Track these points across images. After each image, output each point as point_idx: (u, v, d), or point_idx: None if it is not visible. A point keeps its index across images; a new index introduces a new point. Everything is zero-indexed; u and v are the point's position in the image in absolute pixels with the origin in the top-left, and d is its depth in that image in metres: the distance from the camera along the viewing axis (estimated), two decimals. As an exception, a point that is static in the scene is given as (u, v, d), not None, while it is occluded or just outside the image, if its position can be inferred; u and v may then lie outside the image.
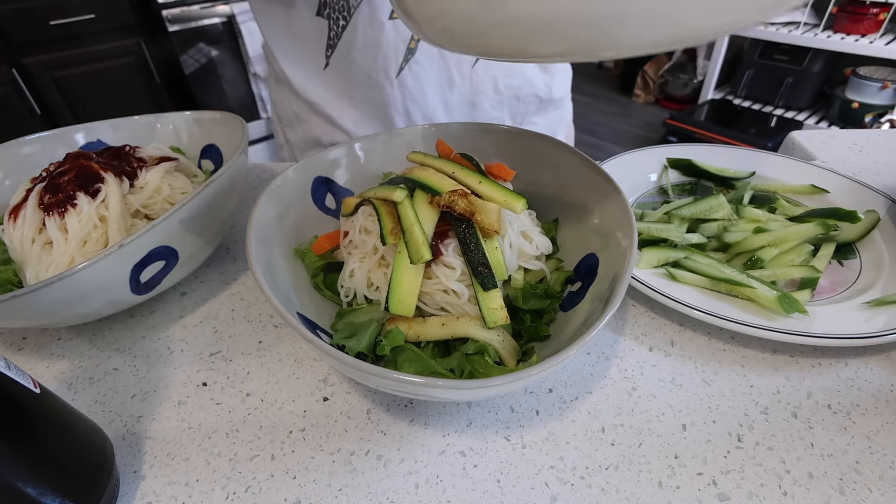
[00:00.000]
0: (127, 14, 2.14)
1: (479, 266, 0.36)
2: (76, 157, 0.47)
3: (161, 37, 2.24)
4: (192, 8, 2.22)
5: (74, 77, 2.11)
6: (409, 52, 0.66)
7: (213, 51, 2.35)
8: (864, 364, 0.39)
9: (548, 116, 0.82)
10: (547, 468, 0.33)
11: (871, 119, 2.27)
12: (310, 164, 0.46)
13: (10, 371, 0.26)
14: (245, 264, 0.53)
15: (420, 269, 0.36)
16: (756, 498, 0.31)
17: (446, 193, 0.38)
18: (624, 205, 0.38)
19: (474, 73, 0.71)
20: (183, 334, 0.45)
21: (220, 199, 0.45)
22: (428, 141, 0.51)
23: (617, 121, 3.24)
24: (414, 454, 0.34)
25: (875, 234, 0.49)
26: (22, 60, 1.99)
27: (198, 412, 0.38)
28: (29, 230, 0.43)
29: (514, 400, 0.38)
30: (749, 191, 0.55)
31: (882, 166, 0.65)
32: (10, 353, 0.44)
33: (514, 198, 0.39)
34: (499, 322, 0.36)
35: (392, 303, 0.35)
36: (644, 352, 0.41)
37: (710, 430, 0.35)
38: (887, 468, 0.32)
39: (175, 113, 0.60)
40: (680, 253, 0.46)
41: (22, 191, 0.46)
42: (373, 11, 0.63)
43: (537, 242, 0.42)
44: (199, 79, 2.38)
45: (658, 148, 0.62)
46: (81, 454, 0.30)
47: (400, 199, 0.38)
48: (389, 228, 0.37)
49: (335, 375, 0.40)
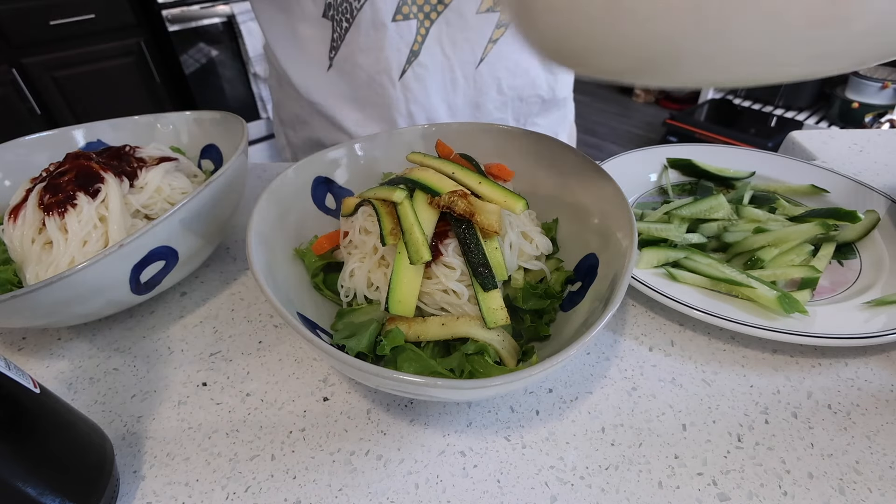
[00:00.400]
0: (127, 14, 2.14)
1: (479, 266, 0.36)
2: (76, 157, 0.47)
3: (161, 37, 2.24)
4: (192, 8, 2.22)
5: (74, 77, 2.11)
6: (413, 54, 0.66)
7: (213, 51, 2.35)
8: (864, 364, 0.39)
9: (550, 117, 0.82)
10: (547, 468, 0.33)
11: (871, 119, 2.27)
12: (310, 163, 0.46)
13: (10, 371, 0.26)
14: (245, 264, 0.53)
15: (420, 270, 0.36)
16: (756, 498, 0.31)
17: (446, 194, 0.38)
18: (624, 205, 0.38)
19: (478, 74, 0.71)
20: (183, 334, 0.45)
21: (220, 199, 0.45)
22: (428, 141, 0.51)
23: (617, 121, 3.24)
24: (414, 454, 0.34)
25: (875, 234, 0.49)
26: (22, 60, 1.99)
27: (198, 412, 0.38)
28: (29, 230, 0.43)
29: (514, 400, 0.38)
30: (749, 191, 0.55)
31: (882, 166, 0.65)
32: (10, 353, 0.44)
33: (514, 198, 0.39)
34: (499, 322, 0.35)
35: (392, 303, 0.35)
36: (644, 352, 0.41)
37: (710, 430, 0.35)
38: (887, 468, 0.32)
39: (175, 113, 0.60)
40: (680, 253, 0.46)
41: (22, 191, 0.46)
42: (375, 13, 0.63)
43: (537, 242, 0.42)
44: (199, 79, 2.38)
45: (658, 148, 0.62)
46: (81, 454, 0.30)
47: (399, 200, 0.38)
48: (389, 229, 0.37)
49: (335, 375, 0.40)
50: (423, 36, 0.66)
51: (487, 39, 0.68)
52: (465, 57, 0.69)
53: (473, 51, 0.69)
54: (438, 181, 0.39)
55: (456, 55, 0.69)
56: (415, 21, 0.64)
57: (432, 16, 0.65)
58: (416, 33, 0.65)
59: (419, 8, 0.63)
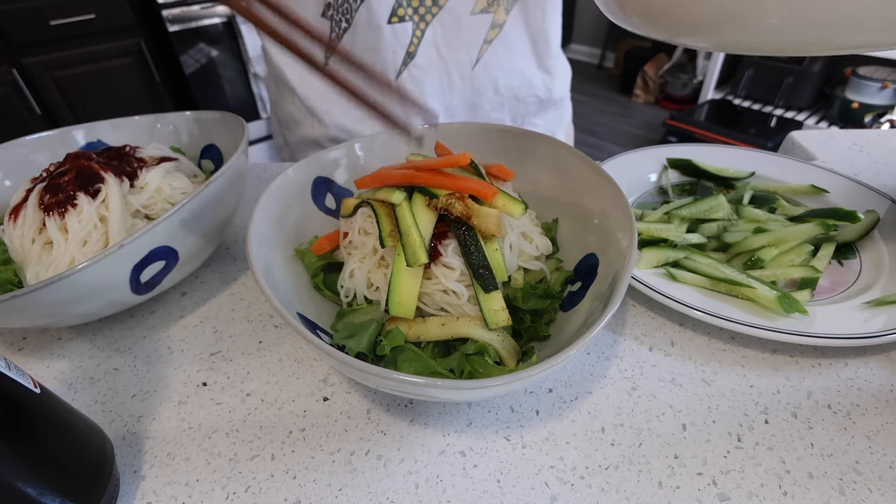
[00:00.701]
0: (127, 14, 2.14)
1: (479, 268, 0.36)
2: (76, 157, 0.47)
3: (161, 37, 2.24)
4: (192, 8, 2.22)
5: (74, 77, 2.11)
6: (409, 55, 0.67)
7: (213, 51, 2.35)
8: (864, 364, 0.39)
9: (548, 117, 0.82)
10: (547, 468, 0.33)
11: (871, 119, 2.27)
12: (310, 163, 0.46)
13: (10, 371, 0.26)
14: (245, 264, 0.53)
15: (419, 272, 0.36)
16: (756, 498, 0.31)
17: (443, 196, 0.38)
18: (624, 205, 0.38)
19: (475, 75, 0.71)
20: (183, 334, 0.45)
21: (220, 199, 0.45)
22: (428, 141, 0.51)
23: (617, 121, 3.24)
24: (414, 454, 0.34)
25: (875, 234, 0.49)
26: (22, 60, 1.99)
27: (198, 412, 0.38)
28: (29, 230, 0.43)
29: (514, 400, 0.38)
30: (749, 191, 0.55)
31: (882, 166, 0.65)
32: (10, 353, 0.44)
33: (513, 203, 0.39)
34: (500, 323, 0.36)
35: (392, 305, 0.35)
36: (644, 352, 0.41)
37: (710, 430, 0.35)
38: (887, 468, 0.32)
39: (175, 113, 0.60)
40: (680, 253, 0.46)
41: (22, 191, 0.46)
42: (371, 15, 0.63)
43: (537, 243, 0.42)
44: (199, 79, 2.38)
45: (658, 148, 0.62)
46: (81, 454, 0.30)
47: (398, 202, 0.38)
48: (388, 231, 0.37)
49: (335, 375, 0.40)
50: (418, 38, 0.66)
51: (482, 40, 0.69)
52: (461, 58, 0.70)
53: (469, 52, 0.69)
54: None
55: (451, 57, 0.69)
56: (410, 23, 0.65)
57: (427, 18, 0.65)
58: (412, 35, 0.66)
59: (414, 10, 0.64)
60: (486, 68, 0.71)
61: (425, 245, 0.36)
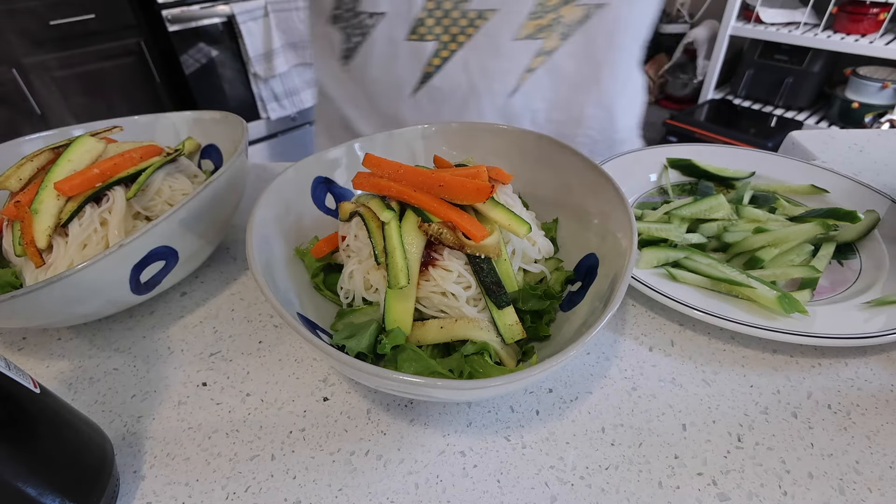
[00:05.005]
0: (127, 14, 2.14)
1: (492, 285, 0.36)
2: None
3: (161, 37, 2.24)
4: (192, 8, 2.22)
5: (74, 77, 2.11)
6: (426, 75, 0.63)
7: (213, 51, 2.35)
8: (864, 364, 0.39)
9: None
10: (547, 468, 0.33)
11: (871, 119, 2.27)
12: (309, 163, 0.46)
13: (10, 371, 0.26)
14: (245, 264, 0.53)
15: (411, 290, 0.36)
16: (756, 498, 0.31)
17: (435, 223, 0.36)
18: (624, 205, 0.38)
19: (509, 105, 0.64)
20: (183, 334, 0.45)
21: (220, 199, 0.45)
22: (428, 141, 0.51)
23: (617, 121, 3.23)
24: (414, 454, 0.34)
25: (875, 234, 0.49)
26: (22, 60, 1.98)
27: (198, 412, 0.38)
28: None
29: (514, 400, 0.38)
30: (749, 191, 0.55)
31: (882, 166, 0.65)
32: (10, 353, 0.44)
33: (518, 222, 0.37)
34: (516, 337, 0.36)
35: (388, 322, 0.36)
36: (644, 352, 0.41)
37: (710, 430, 0.35)
38: (887, 468, 0.32)
39: (175, 113, 0.60)
40: (680, 253, 0.46)
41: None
42: (391, 31, 0.60)
43: (540, 245, 0.42)
44: (199, 79, 2.38)
45: (658, 148, 0.62)
46: (81, 454, 0.30)
47: (387, 220, 0.37)
48: (381, 248, 0.36)
49: (335, 375, 0.40)
50: (442, 59, 0.61)
51: (524, 69, 0.62)
52: (496, 87, 0.63)
53: (505, 81, 0.62)
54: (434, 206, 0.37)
55: (484, 84, 0.62)
56: (433, 43, 0.60)
57: (460, 38, 0.59)
58: (434, 55, 0.61)
59: (444, 29, 0.58)
60: (525, 98, 0.64)
61: (408, 268, 0.35)
